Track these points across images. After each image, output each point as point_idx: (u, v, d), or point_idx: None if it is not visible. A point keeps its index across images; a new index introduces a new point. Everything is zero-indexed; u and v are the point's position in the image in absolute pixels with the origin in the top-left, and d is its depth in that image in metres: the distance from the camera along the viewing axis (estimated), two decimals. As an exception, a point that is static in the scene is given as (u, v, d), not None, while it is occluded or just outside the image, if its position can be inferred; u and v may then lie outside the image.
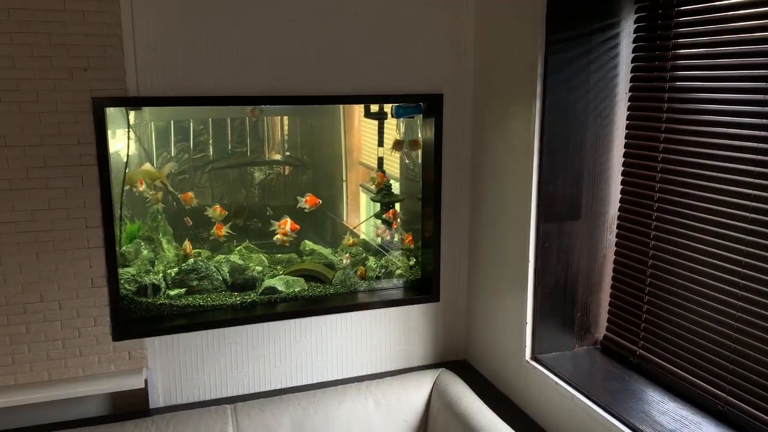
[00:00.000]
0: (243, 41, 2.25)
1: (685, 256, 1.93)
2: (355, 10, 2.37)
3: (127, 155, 2.48)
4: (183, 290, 2.51)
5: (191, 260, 2.56)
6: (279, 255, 2.79)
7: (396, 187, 2.95)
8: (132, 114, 2.56)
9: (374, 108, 2.94)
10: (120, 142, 2.49)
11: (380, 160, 3.06)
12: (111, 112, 2.30)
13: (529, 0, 2.16)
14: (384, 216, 2.87)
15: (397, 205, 2.92)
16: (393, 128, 3.00)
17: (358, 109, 3.21)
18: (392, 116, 2.77)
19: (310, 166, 3.30)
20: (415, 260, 2.81)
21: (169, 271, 2.53)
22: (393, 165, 3.05)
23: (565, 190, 2.21)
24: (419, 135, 2.74)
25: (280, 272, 2.69)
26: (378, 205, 2.92)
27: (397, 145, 2.87)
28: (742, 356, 1.76)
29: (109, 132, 2.21)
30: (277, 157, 3.28)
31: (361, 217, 3.31)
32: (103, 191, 2.16)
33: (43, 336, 2.19)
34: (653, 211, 2.04)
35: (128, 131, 2.52)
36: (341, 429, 2.28)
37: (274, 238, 2.74)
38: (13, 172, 2.07)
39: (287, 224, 2.71)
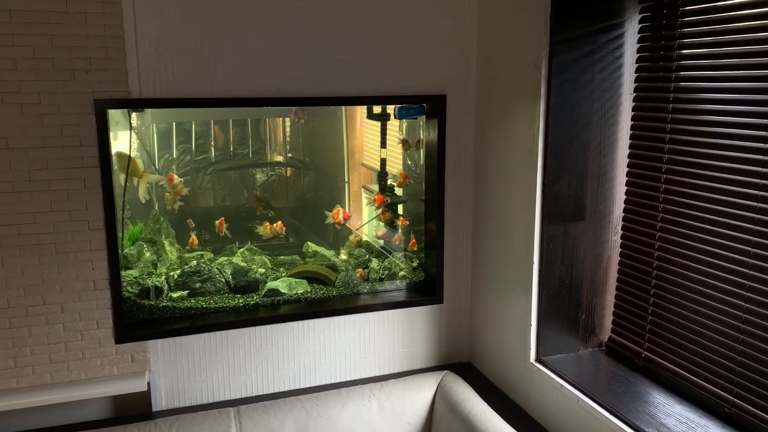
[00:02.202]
0: (245, 42, 2.25)
1: (691, 257, 1.91)
2: (358, 11, 2.36)
3: (129, 157, 2.47)
4: (186, 292, 2.50)
5: (194, 262, 2.55)
6: (282, 257, 2.79)
7: (398, 189, 2.94)
8: (134, 116, 2.56)
9: (377, 109, 2.94)
10: (122, 144, 2.48)
11: (383, 162, 3.05)
12: (113, 113, 2.29)
13: (532, 0, 2.15)
14: (379, 218, 2.87)
15: (400, 207, 2.91)
16: (396, 129, 3.00)
17: (361, 110, 3.20)
18: (395, 117, 2.77)
19: (312, 168, 3.30)
20: (418, 262, 2.80)
21: (171, 273, 2.53)
22: (396, 166, 3.04)
23: (570, 191, 2.20)
24: (422, 135, 2.73)
25: (283, 274, 2.68)
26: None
27: (405, 143, 2.87)
28: (748, 358, 1.75)
29: (111, 134, 2.20)
30: (279, 158, 3.28)
31: (364, 218, 3.30)
32: (106, 193, 2.16)
33: (46, 339, 2.18)
34: (658, 212, 2.03)
35: (130, 133, 2.52)
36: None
37: (258, 230, 2.77)
38: (15, 174, 2.06)
39: (340, 213, 2.75)
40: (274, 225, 2.78)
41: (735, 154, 1.75)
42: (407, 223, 2.85)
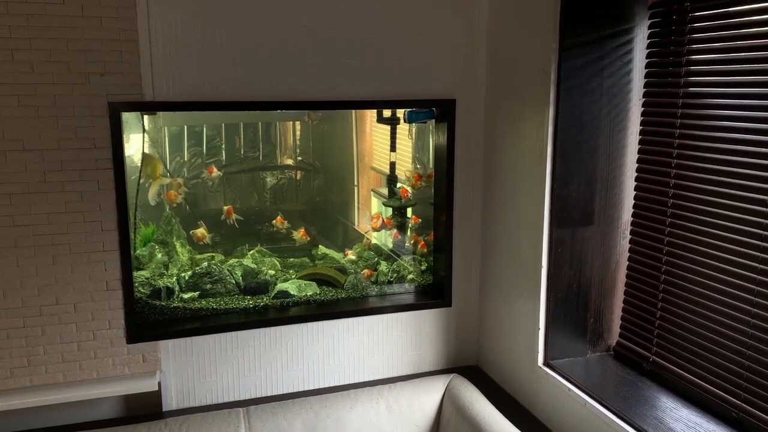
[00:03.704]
0: (257, 47, 2.27)
1: (699, 261, 1.92)
2: (368, 15, 2.38)
3: (142, 160, 2.50)
4: (196, 293, 2.53)
5: (205, 264, 2.57)
6: (291, 259, 2.81)
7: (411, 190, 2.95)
8: (146, 118, 2.59)
9: (387, 113, 2.95)
10: (134, 147, 2.51)
11: (392, 165, 3.06)
12: (126, 116, 2.32)
13: (542, 5, 2.16)
14: (376, 225, 2.90)
15: (409, 210, 2.93)
16: (405, 133, 3.01)
17: (370, 114, 3.22)
18: (405, 121, 2.78)
19: (321, 171, 3.31)
20: (426, 265, 2.81)
21: (182, 274, 2.55)
22: (405, 165, 3.05)
23: (578, 196, 2.21)
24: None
25: (293, 276, 2.70)
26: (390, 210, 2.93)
27: (418, 179, 2.91)
28: (756, 363, 1.75)
29: (124, 136, 2.23)
30: (289, 161, 3.30)
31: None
32: (119, 195, 2.18)
33: (59, 338, 2.21)
34: (667, 217, 2.03)
35: (143, 136, 2.55)
36: (353, 433, 2.29)
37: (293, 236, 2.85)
38: (30, 175, 2.09)
39: (379, 219, 2.84)
40: (276, 221, 2.82)
41: (744, 160, 1.76)
42: (420, 221, 2.86)
